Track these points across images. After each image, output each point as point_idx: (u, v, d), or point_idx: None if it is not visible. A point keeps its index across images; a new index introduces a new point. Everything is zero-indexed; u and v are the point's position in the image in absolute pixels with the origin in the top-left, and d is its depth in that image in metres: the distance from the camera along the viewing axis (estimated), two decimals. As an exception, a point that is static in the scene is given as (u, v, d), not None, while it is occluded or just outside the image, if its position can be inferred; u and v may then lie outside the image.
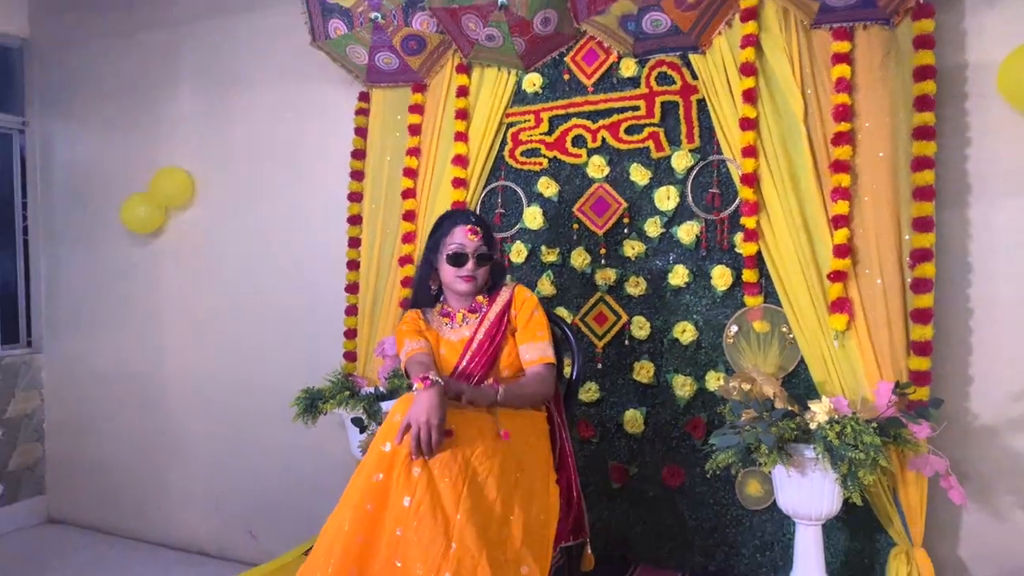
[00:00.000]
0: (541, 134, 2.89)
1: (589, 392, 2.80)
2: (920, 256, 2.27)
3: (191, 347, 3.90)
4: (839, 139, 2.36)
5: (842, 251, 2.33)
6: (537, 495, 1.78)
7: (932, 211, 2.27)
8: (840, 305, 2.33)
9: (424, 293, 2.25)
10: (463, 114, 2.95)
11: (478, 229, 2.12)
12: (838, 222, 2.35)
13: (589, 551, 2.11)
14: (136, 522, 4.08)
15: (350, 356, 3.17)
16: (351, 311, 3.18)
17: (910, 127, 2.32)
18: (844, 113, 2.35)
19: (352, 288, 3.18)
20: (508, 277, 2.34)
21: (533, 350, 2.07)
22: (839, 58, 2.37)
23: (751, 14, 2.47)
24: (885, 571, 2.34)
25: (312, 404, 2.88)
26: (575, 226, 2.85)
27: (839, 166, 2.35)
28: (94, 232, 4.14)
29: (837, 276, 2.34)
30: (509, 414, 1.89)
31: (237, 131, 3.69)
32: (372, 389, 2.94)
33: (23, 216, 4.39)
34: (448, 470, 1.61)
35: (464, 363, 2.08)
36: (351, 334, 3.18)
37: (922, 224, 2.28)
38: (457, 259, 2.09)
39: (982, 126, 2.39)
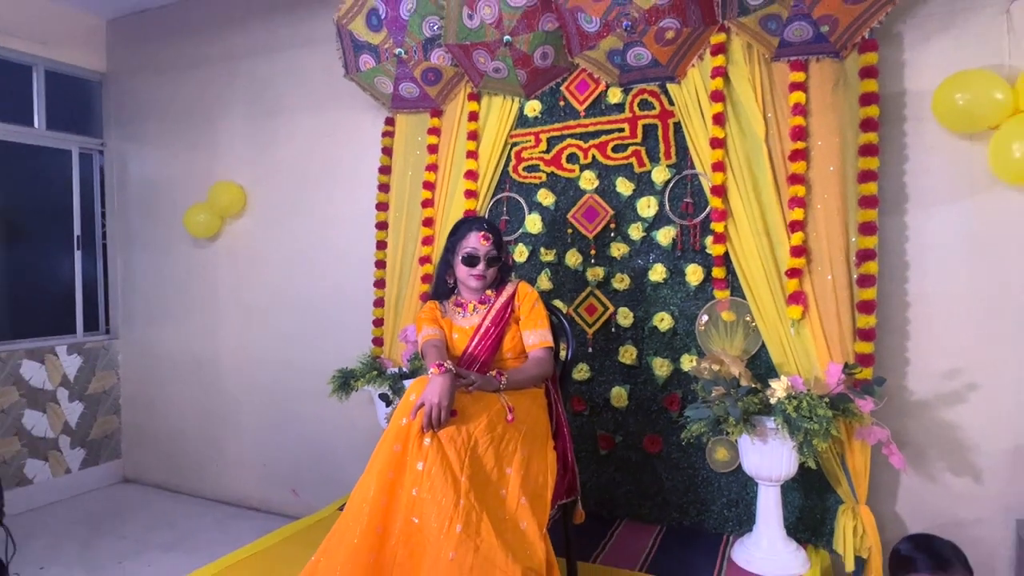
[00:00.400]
0: (540, 152, 2.85)
1: (581, 372, 2.77)
2: (865, 256, 2.26)
3: (242, 334, 3.87)
4: (795, 155, 2.33)
5: (798, 252, 2.31)
6: (536, 461, 1.75)
7: (875, 217, 2.26)
8: (796, 298, 2.30)
9: (442, 287, 2.22)
10: (474, 135, 2.92)
11: (490, 235, 2.08)
12: (794, 227, 2.32)
13: (580, 507, 2.09)
14: (196, 481, 4.08)
15: (378, 341, 3.14)
16: (379, 303, 3.15)
17: (856, 145, 2.30)
18: (799, 133, 2.33)
19: (379, 283, 3.15)
20: (512, 274, 2.29)
21: (535, 336, 2.05)
22: (795, 86, 2.34)
23: (720, 49, 2.44)
24: (834, 525, 2.31)
25: (345, 382, 2.86)
26: (569, 231, 2.81)
27: (795, 179, 2.32)
28: (161, 237, 4.12)
29: (793, 273, 2.31)
30: (512, 393, 1.87)
31: (282, 151, 3.65)
32: (396, 369, 2.92)
33: (102, 224, 4.37)
34: (453, 441, 1.59)
35: (472, 346, 2.05)
36: (378, 323, 3.14)
37: (867, 228, 2.26)
38: (471, 260, 2.07)
39: (917, 144, 2.36)
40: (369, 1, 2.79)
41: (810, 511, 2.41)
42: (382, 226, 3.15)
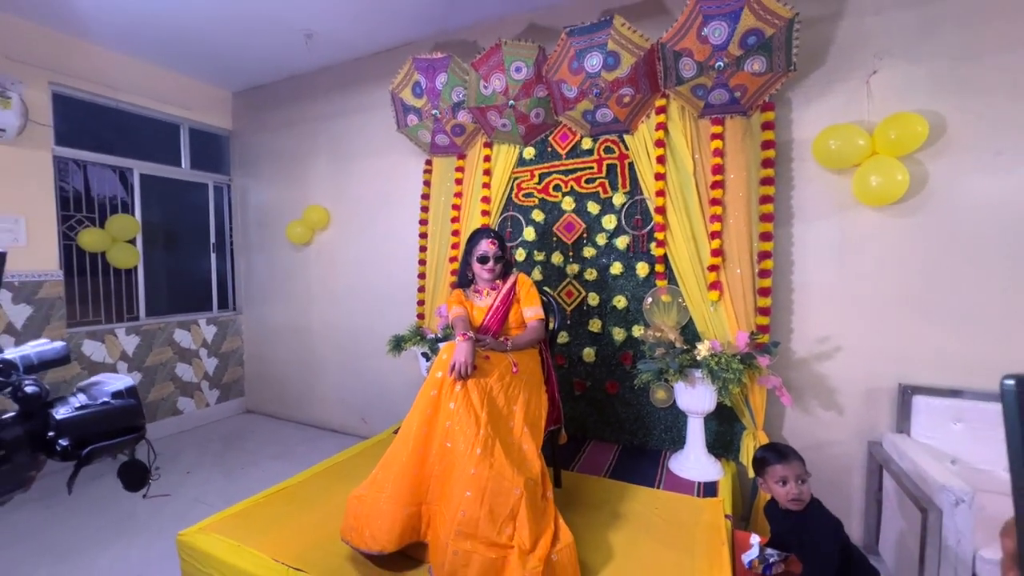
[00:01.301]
0: (534, 184, 2.73)
1: (563, 338, 2.66)
2: (763, 255, 2.17)
3: (326, 310, 3.74)
4: (715, 185, 2.23)
5: (716, 253, 2.21)
6: (533, 401, 1.67)
7: (771, 228, 2.17)
8: (715, 285, 2.21)
9: (464, 279, 2.12)
10: (487, 172, 2.79)
11: (496, 241, 2.01)
12: (714, 236, 2.22)
13: (564, 432, 2.01)
14: (296, 411, 3.97)
15: (420, 316, 3.03)
16: (421, 289, 3.04)
17: (758, 178, 2.18)
18: (718, 169, 2.22)
19: (422, 276, 3.04)
20: (513, 269, 2.18)
21: (530, 311, 1.97)
22: (715, 136, 2.24)
23: (662, 109, 2.33)
24: (740, 444, 2.22)
25: (398, 344, 2.76)
26: (554, 239, 2.70)
27: (715, 202, 2.22)
28: (270, 244, 3.99)
29: (713, 268, 2.22)
30: (516, 352, 1.79)
31: (354, 183, 3.51)
32: (433, 335, 2.80)
33: (230, 235, 4.24)
34: (476, 388, 1.52)
35: (486, 320, 1.98)
36: (421, 303, 3.04)
37: (765, 236, 2.17)
38: (483, 259, 1.99)
39: (800, 177, 2.25)
40: (415, 76, 2.66)
41: (723, 434, 2.32)
42: (424, 236, 3.04)
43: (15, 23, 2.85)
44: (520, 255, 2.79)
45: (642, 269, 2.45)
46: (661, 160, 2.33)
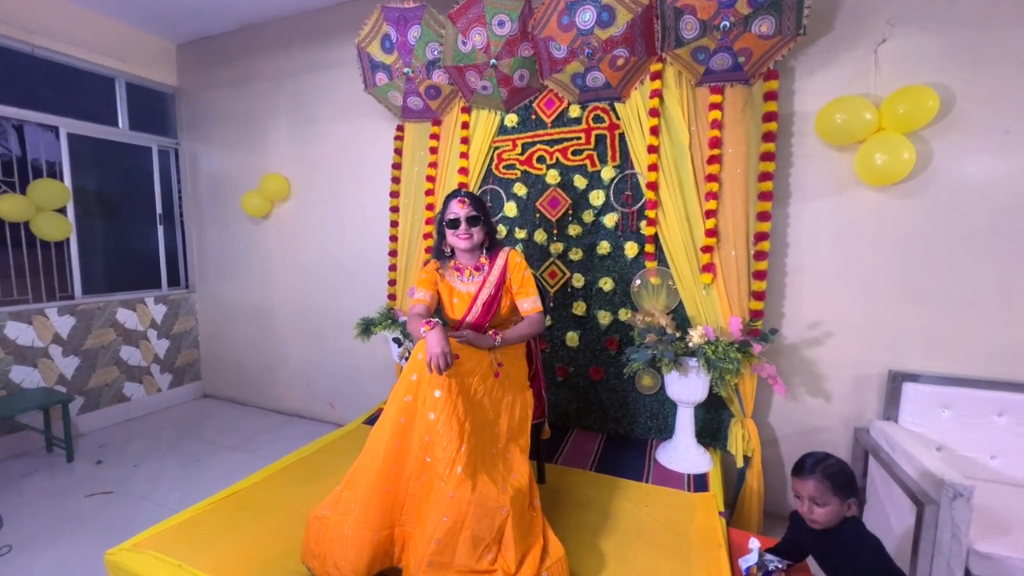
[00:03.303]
0: (516, 155, 2.49)
1: (546, 321, 2.48)
2: (760, 237, 2.03)
3: (289, 289, 3.44)
4: (712, 160, 2.05)
5: (711, 233, 2.06)
6: (518, 402, 1.48)
7: (770, 207, 2.01)
8: (708, 268, 2.06)
9: (440, 252, 1.74)
10: (465, 140, 2.53)
11: (465, 200, 1.64)
12: (709, 214, 2.06)
13: (547, 426, 1.85)
14: (257, 396, 3.70)
15: (392, 297, 2.80)
16: (392, 268, 2.79)
17: (758, 153, 2.02)
18: (715, 143, 2.04)
19: (393, 253, 2.78)
20: (503, 243, 1.88)
21: (528, 302, 1.65)
22: (714, 106, 2.05)
23: (657, 75, 2.11)
24: (727, 432, 2.13)
25: (366, 328, 2.53)
26: (537, 215, 2.49)
27: (711, 178, 2.05)
28: (225, 215, 3.61)
29: (706, 249, 2.07)
30: (502, 350, 1.55)
31: (318, 150, 3.18)
32: (406, 319, 2.57)
33: (179, 204, 3.82)
34: (461, 394, 1.30)
35: (471, 316, 1.65)
36: (392, 283, 2.79)
37: (763, 216, 2.02)
38: (453, 223, 1.63)
39: (800, 153, 2.10)
40: (384, 28, 2.35)
41: (710, 422, 2.22)
42: (395, 209, 2.77)
43: None
44: (500, 232, 2.57)
45: (631, 249, 2.29)
46: (655, 131, 2.13)
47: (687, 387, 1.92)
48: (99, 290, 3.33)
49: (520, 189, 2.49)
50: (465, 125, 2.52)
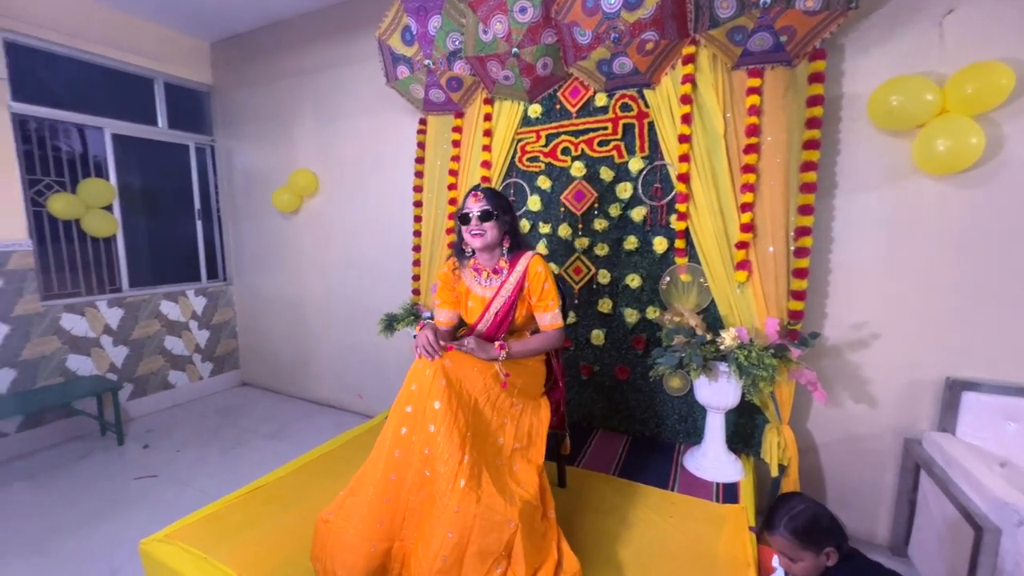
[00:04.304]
0: (540, 146, 2.41)
1: (570, 318, 2.42)
2: (802, 232, 1.87)
3: (318, 282, 3.52)
4: (749, 149, 1.90)
5: (746, 228, 1.92)
6: (528, 413, 1.42)
7: (813, 200, 1.86)
8: (743, 265, 1.93)
9: (459, 251, 1.65)
10: (488, 133, 2.47)
11: (480, 195, 1.54)
12: (745, 208, 1.92)
13: (568, 440, 1.79)
14: (291, 386, 3.82)
15: (416, 292, 2.79)
16: (416, 263, 2.78)
17: (801, 140, 1.86)
18: (753, 130, 1.89)
19: (416, 248, 2.77)
20: (527, 245, 1.72)
21: (547, 317, 1.55)
22: (752, 91, 1.89)
23: (690, 59, 1.97)
24: (761, 439, 2.01)
25: (390, 324, 2.54)
26: (562, 209, 2.40)
27: (748, 168, 1.91)
28: (258, 210, 3.71)
29: (742, 245, 1.93)
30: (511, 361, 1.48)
31: (344, 145, 3.20)
32: (429, 314, 2.58)
33: (216, 200, 3.95)
34: (460, 405, 1.26)
35: (482, 324, 1.57)
36: (416, 278, 2.78)
37: (805, 210, 1.86)
38: (464, 219, 1.55)
39: (849, 140, 1.93)
40: (404, 19, 2.30)
41: (743, 427, 2.11)
42: (418, 204, 2.74)
43: (-50, -43, 2.49)
44: (524, 227, 2.51)
45: (660, 244, 2.18)
46: (687, 119, 2.00)
47: (717, 392, 1.82)
48: (144, 283, 3.50)
49: (544, 182, 2.41)
50: (488, 117, 2.45)
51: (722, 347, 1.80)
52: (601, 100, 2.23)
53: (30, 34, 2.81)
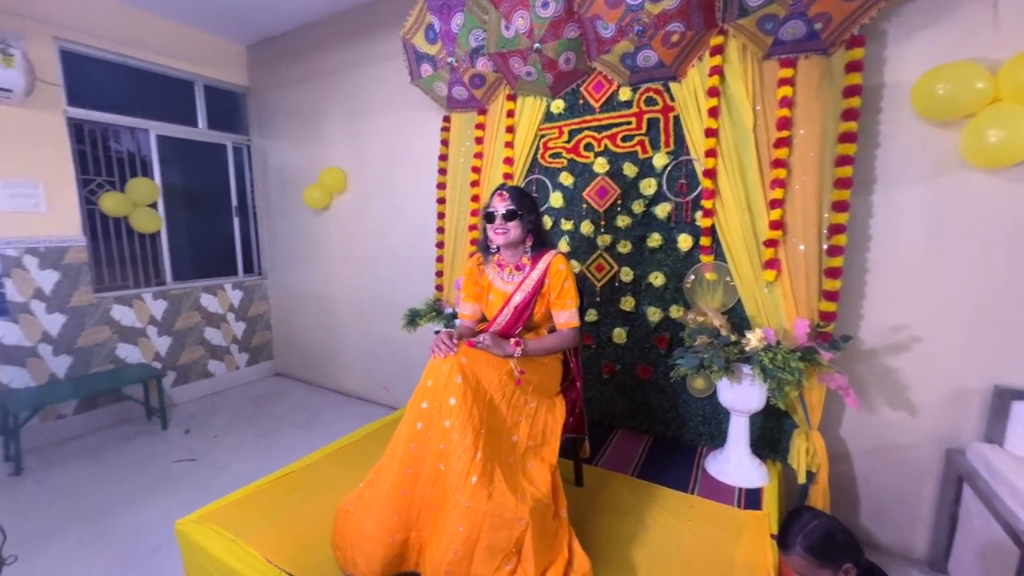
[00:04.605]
0: (563, 142, 2.39)
1: (591, 316, 2.41)
2: (836, 230, 1.79)
3: (347, 277, 3.62)
4: (780, 143, 1.82)
5: (776, 225, 1.85)
6: (542, 411, 1.42)
7: (848, 196, 1.77)
8: (771, 264, 1.86)
9: (484, 247, 1.69)
10: (511, 129, 2.46)
11: (505, 194, 1.58)
12: (774, 204, 1.85)
13: (587, 444, 1.79)
14: (321, 377, 3.95)
15: (439, 288, 2.83)
16: (439, 259, 2.81)
17: (836, 133, 1.77)
18: (785, 123, 1.81)
19: (440, 244, 2.80)
20: (552, 244, 1.74)
21: (563, 315, 1.57)
22: (783, 82, 1.81)
23: (718, 50, 1.90)
24: (789, 444, 1.94)
25: (412, 320, 2.59)
26: (584, 206, 2.38)
27: (778, 163, 1.83)
28: (291, 207, 3.84)
29: (771, 243, 1.86)
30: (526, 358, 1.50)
31: (372, 143, 3.27)
32: (451, 310, 2.61)
33: (252, 197, 4.12)
34: (476, 402, 1.27)
35: (502, 317, 1.60)
36: (439, 274, 2.82)
37: (839, 206, 1.78)
38: (489, 217, 1.58)
39: (890, 131, 1.82)
40: (427, 17, 2.32)
41: (770, 431, 2.04)
42: (441, 201, 2.77)
43: (12, -28, 2.68)
44: (546, 224, 2.48)
45: (684, 242, 2.13)
46: (714, 113, 1.94)
47: (741, 395, 1.77)
48: (186, 277, 3.69)
49: (566, 178, 2.39)
50: (510, 113, 2.45)
51: (747, 348, 1.75)
52: (625, 94, 2.19)
53: (83, 43, 2.99)
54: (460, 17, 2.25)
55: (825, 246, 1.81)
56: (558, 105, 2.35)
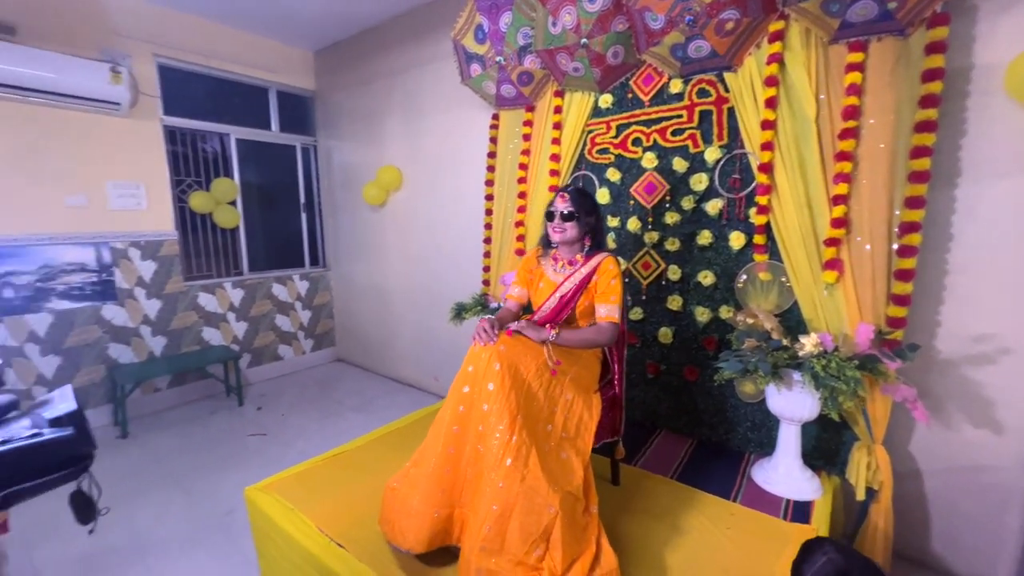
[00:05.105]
0: (610, 138, 2.36)
1: (636, 314, 2.37)
2: (908, 228, 1.64)
3: (401, 271, 3.80)
4: (845, 134, 1.70)
5: (839, 223, 1.72)
6: (578, 403, 1.44)
7: (924, 192, 1.61)
8: (832, 264, 1.74)
9: (546, 242, 1.78)
10: (558, 125, 2.47)
11: (566, 195, 1.64)
12: (837, 200, 1.73)
13: (621, 446, 1.80)
14: (378, 364, 4.18)
15: (486, 282, 2.90)
16: (487, 255, 2.88)
17: (912, 122, 1.62)
18: (852, 113, 1.68)
19: (487, 240, 2.87)
20: (605, 246, 1.78)
21: (604, 309, 1.60)
22: (852, 67, 1.68)
23: (778, 36, 1.79)
24: (848, 457, 1.81)
25: (459, 313, 2.68)
26: (631, 202, 2.34)
27: (843, 156, 1.70)
28: (352, 204, 4.08)
29: (832, 242, 1.74)
30: (563, 349, 1.54)
31: (425, 142, 3.40)
32: (496, 304, 2.68)
33: (318, 194, 4.42)
34: (513, 388, 1.31)
35: (545, 309, 1.68)
36: (486, 269, 2.89)
37: (914, 202, 1.63)
38: (549, 216, 1.67)
39: (979, 119, 1.64)
40: (476, 18, 2.37)
41: (827, 441, 1.92)
42: (489, 198, 2.83)
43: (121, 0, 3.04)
44: (592, 220, 2.48)
45: (737, 240, 2.04)
46: (771, 103, 1.83)
47: (791, 403, 1.68)
48: (260, 268, 4.05)
49: (613, 174, 2.36)
50: (558, 109, 2.45)
51: (801, 353, 1.65)
52: (676, 87, 2.12)
53: (177, 58, 3.35)
54: (508, 16, 2.28)
55: (895, 246, 1.67)
56: (606, 100, 2.33)
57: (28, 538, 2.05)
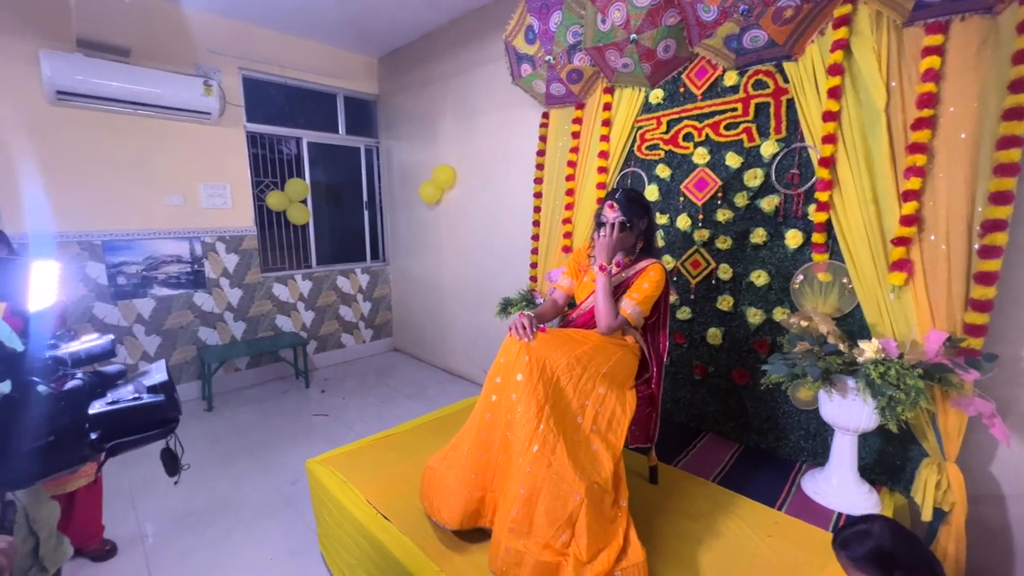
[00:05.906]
0: (660, 133, 2.32)
1: (684, 313, 2.32)
2: (992, 226, 1.49)
3: (454, 267, 3.94)
4: (919, 124, 1.57)
5: (909, 221, 1.60)
6: (611, 397, 1.44)
7: (1012, 186, 1.46)
8: (901, 265, 1.62)
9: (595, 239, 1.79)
10: (607, 122, 2.46)
11: (615, 204, 1.64)
12: (908, 196, 1.60)
13: (654, 454, 1.79)
14: (432, 355, 4.37)
15: (533, 279, 2.96)
16: (534, 252, 2.93)
17: (1000, 109, 1.46)
18: (928, 100, 1.55)
19: (535, 237, 2.92)
20: (656, 254, 1.78)
21: (629, 304, 1.61)
22: (929, 51, 1.55)
23: (844, 20, 1.69)
24: (915, 474, 1.68)
25: (505, 308, 2.75)
26: (681, 199, 2.29)
27: (916, 148, 1.58)
28: (409, 202, 4.28)
29: (901, 241, 1.62)
30: (606, 343, 1.56)
31: (477, 141, 3.50)
32: (542, 300, 2.72)
33: (379, 193, 4.68)
34: (541, 379, 1.36)
35: (583, 308, 1.74)
36: (534, 265, 2.94)
37: (999, 198, 1.47)
38: (599, 225, 1.69)
39: (1086, 103, 1.44)
40: (527, 19, 2.42)
41: (890, 455, 1.79)
42: (538, 195, 2.88)
43: (211, 20, 3.40)
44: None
45: (793, 238, 1.94)
46: (834, 93, 1.73)
47: (845, 411, 1.58)
48: (326, 262, 4.37)
49: (663, 171, 2.32)
50: (607, 106, 2.45)
51: (860, 360, 1.56)
52: (731, 79, 2.05)
53: (259, 70, 3.69)
54: (558, 15, 2.31)
55: (976, 246, 1.52)
56: (657, 95, 2.29)
57: (134, 493, 2.40)
